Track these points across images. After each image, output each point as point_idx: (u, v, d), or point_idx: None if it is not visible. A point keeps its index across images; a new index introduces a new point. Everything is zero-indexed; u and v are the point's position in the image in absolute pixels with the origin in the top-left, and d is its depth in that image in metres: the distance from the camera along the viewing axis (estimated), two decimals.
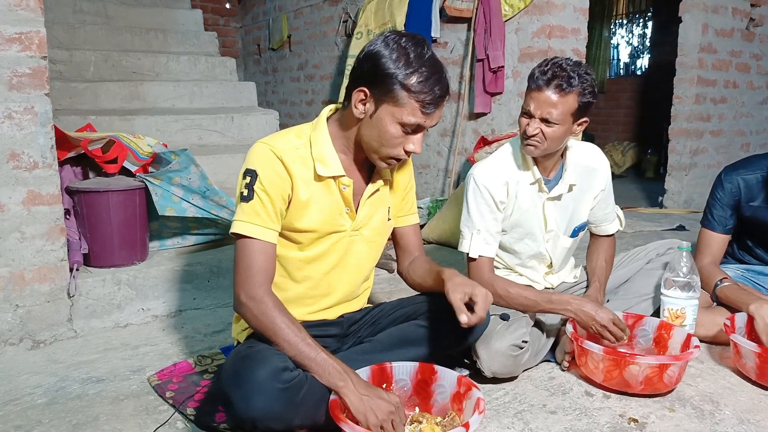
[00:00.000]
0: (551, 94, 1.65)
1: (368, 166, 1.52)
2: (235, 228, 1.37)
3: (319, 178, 1.42)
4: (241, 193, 1.37)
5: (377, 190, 1.52)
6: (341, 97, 4.66)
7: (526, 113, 1.72)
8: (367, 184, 1.51)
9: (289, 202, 1.40)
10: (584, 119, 1.73)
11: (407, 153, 1.39)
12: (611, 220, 1.98)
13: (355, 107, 1.35)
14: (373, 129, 1.35)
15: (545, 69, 1.67)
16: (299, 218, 1.41)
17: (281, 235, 1.42)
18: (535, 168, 1.80)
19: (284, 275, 1.48)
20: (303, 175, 1.40)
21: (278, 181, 1.36)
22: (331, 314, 1.57)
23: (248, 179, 1.36)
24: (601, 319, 1.69)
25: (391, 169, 1.56)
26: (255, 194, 1.35)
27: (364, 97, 1.34)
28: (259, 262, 1.35)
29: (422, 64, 1.30)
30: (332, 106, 1.50)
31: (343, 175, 1.43)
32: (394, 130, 1.34)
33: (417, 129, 1.35)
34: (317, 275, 1.50)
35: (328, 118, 1.47)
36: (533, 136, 1.70)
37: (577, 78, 1.65)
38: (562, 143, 1.76)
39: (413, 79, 1.29)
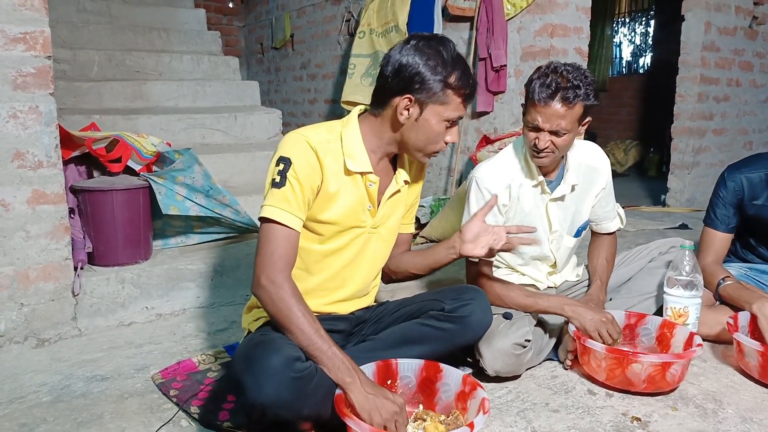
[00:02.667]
0: (559, 108, 1.63)
1: (392, 167, 1.57)
2: (265, 212, 1.38)
3: (348, 172, 1.46)
4: (273, 179, 1.39)
5: (398, 191, 1.56)
6: (344, 97, 4.68)
7: (533, 127, 1.69)
8: (389, 184, 1.55)
9: (318, 193, 1.43)
10: (588, 119, 1.73)
11: (446, 144, 1.49)
12: (612, 218, 1.99)
13: (401, 114, 1.41)
14: (420, 130, 1.43)
15: (547, 82, 1.63)
16: (325, 210, 1.45)
17: (304, 226, 1.45)
18: (538, 170, 1.80)
19: (302, 267, 1.51)
20: (333, 168, 1.44)
21: (310, 171, 1.40)
22: (343, 309, 1.59)
23: (282, 166, 1.38)
24: (594, 321, 1.69)
25: (410, 175, 1.61)
26: (287, 181, 1.37)
27: (409, 103, 1.40)
28: (283, 247, 1.37)
29: (456, 62, 1.41)
30: (361, 107, 1.55)
31: (371, 172, 1.48)
32: (440, 127, 1.44)
33: (456, 121, 1.45)
34: (334, 269, 1.53)
35: (358, 117, 1.51)
36: (545, 149, 1.70)
37: (581, 85, 1.63)
38: (570, 147, 1.77)
39: (453, 78, 1.39)
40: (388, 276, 1.73)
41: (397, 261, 1.69)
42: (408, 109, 1.41)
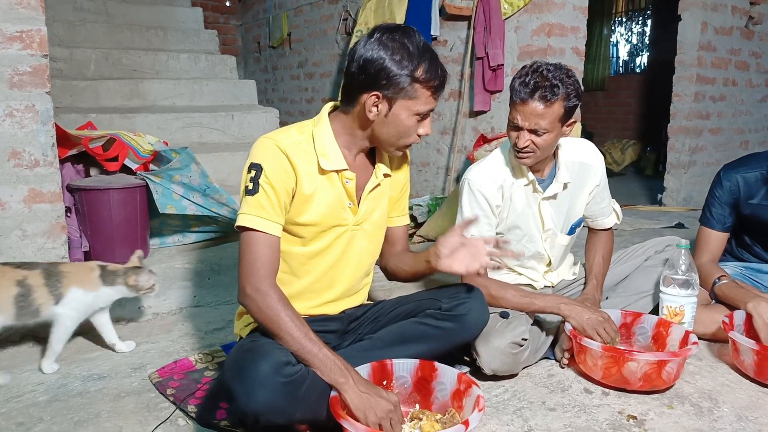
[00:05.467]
0: (537, 106, 1.63)
1: (370, 161, 1.55)
2: (241, 221, 1.38)
3: (322, 172, 1.44)
4: (246, 186, 1.38)
5: (378, 184, 1.54)
6: (341, 96, 4.68)
7: (514, 126, 1.71)
8: (368, 179, 1.53)
9: (293, 196, 1.42)
10: (572, 121, 1.73)
11: (419, 137, 1.46)
12: (608, 214, 1.99)
13: (369, 111, 1.39)
14: (390, 126, 1.41)
15: (526, 80, 1.64)
16: (303, 212, 1.43)
17: (285, 230, 1.44)
18: (527, 168, 1.80)
19: (287, 271, 1.50)
20: (307, 170, 1.42)
21: (283, 175, 1.38)
22: (333, 309, 1.59)
23: (253, 173, 1.37)
24: (592, 321, 1.70)
25: (391, 166, 1.59)
26: (260, 188, 1.36)
27: (377, 100, 1.38)
28: (264, 255, 1.37)
29: (422, 54, 1.36)
30: (332, 103, 1.52)
31: (347, 169, 1.46)
32: (410, 121, 1.41)
33: (428, 113, 1.42)
34: (320, 270, 1.52)
35: (329, 115, 1.49)
36: (525, 147, 1.70)
37: (560, 84, 1.63)
38: (553, 148, 1.77)
39: (420, 71, 1.35)
40: (392, 275, 1.72)
41: (393, 263, 1.67)
42: (376, 106, 1.38)
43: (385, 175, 1.56)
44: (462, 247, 1.48)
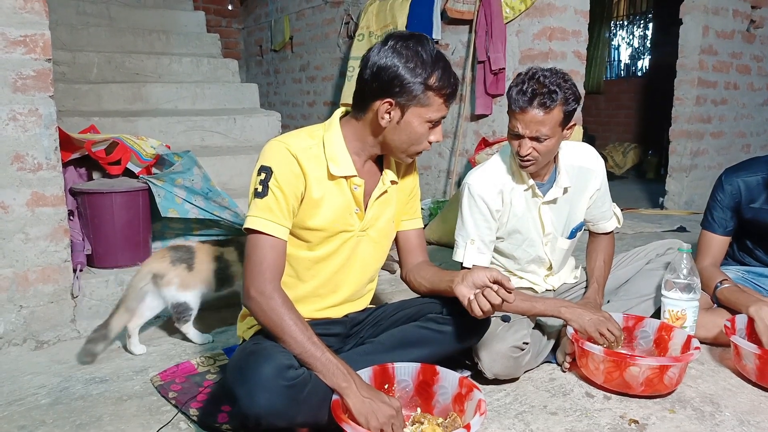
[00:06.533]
0: (537, 113, 1.63)
1: (378, 168, 1.56)
2: (248, 223, 1.38)
3: (331, 177, 1.44)
4: (255, 189, 1.38)
5: (385, 191, 1.55)
6: (343, 99, 4.69)
7: (514, 135, 1.70)
8: (375, 185, 1.53)
9: (302, 200, 1.42)
10: (572, 124, 1.73)
11: (430, 143, 1.47)
12: (608, 218, 1.99)
13: (381, 118, 1.39)
14: (402, 133, 1.42)
15: (524, 88, 1.64)
16: (311, 216, 1.44)
17: (291, 234, 1.44)
18: (527, 174, 1.80)
19: (292, 275, 1.50)
20: (316, 174, 1.42)
21: (293, 178, 1.39)
22: (336, 313, 1.59)
23: (263, 176, 1.38)
24: (593, 321, 1.70)
25: (399, 172, 1.60)
26: (269, 191, 1.37)
27: (389, 107, 1.38)
28: (270, 258, 1.37)
29: (435, 62, 1.37)
30: (343, 109, 1.53)
31: (355, 175, 1.46)
32: (422, 128, 1.42)
33: (439, 121, 1.44)
34: (325, 275, 1.52)
35: (340, 120, 1.50)
36: (527, 155, 1.69)
37: (558, 89, 1.63)
38: (555, 152, 1.77)
39: (433, 79, 1.36)
40: (414, 290, 1.69)
41: (414, 276, 1.65)
42: (389, 113, 1.39)
43: (392, 182, 1.57)
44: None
